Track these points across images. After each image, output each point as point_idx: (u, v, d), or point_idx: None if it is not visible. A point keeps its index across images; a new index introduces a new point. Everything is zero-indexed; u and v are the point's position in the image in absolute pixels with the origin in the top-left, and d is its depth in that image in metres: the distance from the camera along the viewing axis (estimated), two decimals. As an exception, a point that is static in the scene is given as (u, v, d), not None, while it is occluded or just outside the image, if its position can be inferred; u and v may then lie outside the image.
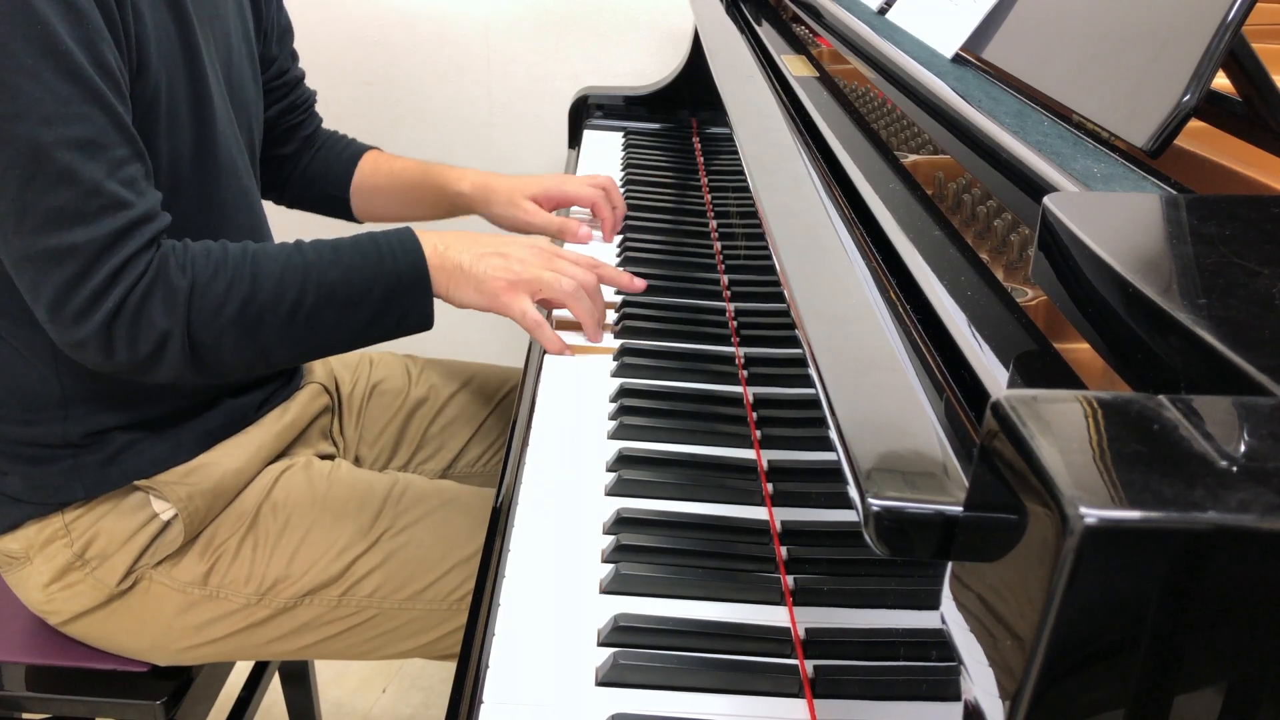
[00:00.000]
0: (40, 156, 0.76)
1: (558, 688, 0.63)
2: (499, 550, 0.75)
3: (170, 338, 0.83)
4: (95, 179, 0.78)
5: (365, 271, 0.90)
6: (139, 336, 0.82)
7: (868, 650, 0.60)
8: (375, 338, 0.93)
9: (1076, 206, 0.43)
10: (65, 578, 0.96)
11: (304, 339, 0.89)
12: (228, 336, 0.85)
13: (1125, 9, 0.63)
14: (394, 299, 0.91)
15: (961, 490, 0.37)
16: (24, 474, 0.94)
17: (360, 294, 0.89)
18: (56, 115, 0.76)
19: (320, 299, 0.88)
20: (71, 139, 0.77)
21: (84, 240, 0.79)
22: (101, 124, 0.79)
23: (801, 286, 0.58)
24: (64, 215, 0.78)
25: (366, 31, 1.96)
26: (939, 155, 0.71)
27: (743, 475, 0.84)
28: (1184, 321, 0.34)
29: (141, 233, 0.82)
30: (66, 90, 0.76)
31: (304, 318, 0.87)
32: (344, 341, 0.92)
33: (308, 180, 1.26)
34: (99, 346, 0.82)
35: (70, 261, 0.79)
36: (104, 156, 0.79)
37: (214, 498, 0.97)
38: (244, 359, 0.88)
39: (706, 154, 1.57)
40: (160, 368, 0.85)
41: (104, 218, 0.79)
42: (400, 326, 0.92)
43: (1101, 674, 0.28)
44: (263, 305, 0.86)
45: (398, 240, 0.92)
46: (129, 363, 0.84)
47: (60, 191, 0.77)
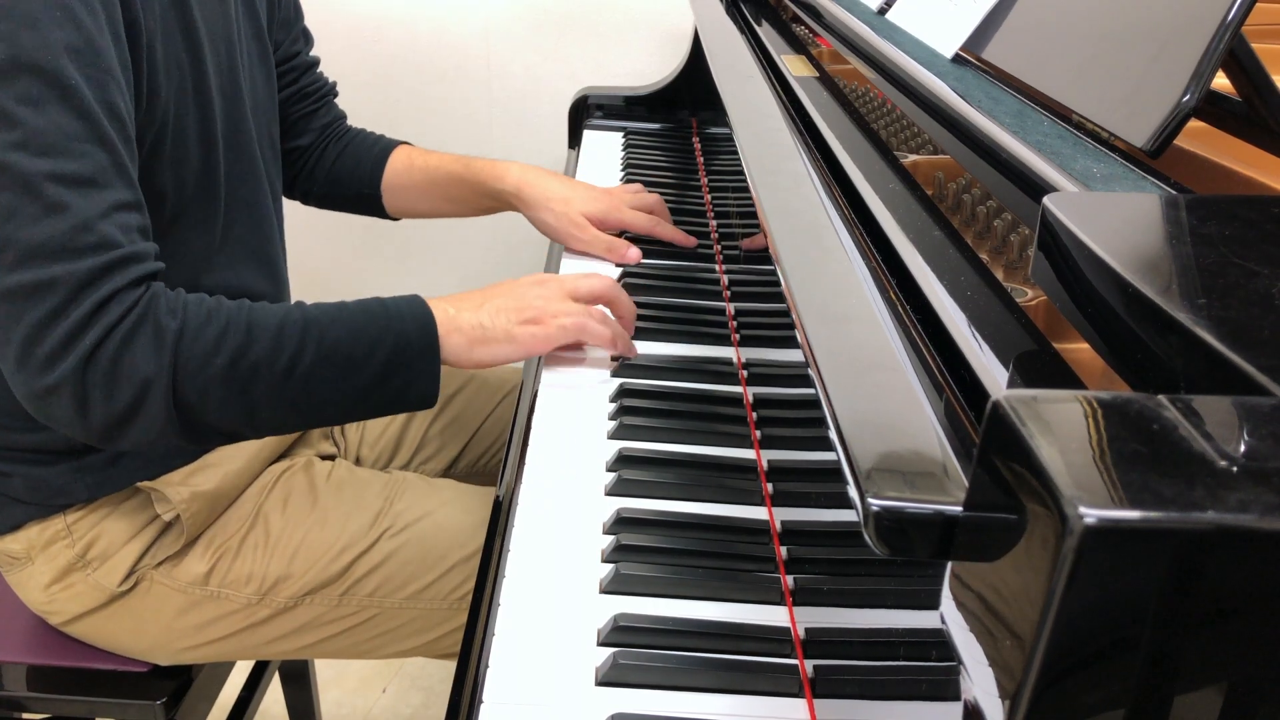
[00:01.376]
0: (30, 188, 0.72)
1: (558, 687, 0.63)
2: (499, 550, 0.75)
3: (152, 387, 0.75)
4: (87, 215, 0.73)
5: (371, 332, 0.83)
6: (117, 384, 0.74)
7: (868, 650, 0.60)
8: (373, 409, 0.86)
9: (1076, 206, 0.43)
10: (66, 578, 0.96)
11: (297, 401, 0.81)
12: (214, 391, 0.77)
13: (1125, 9, 0.63)
14: (399, 364, 0.83)
15: (961, 490, 0.37)
16: (26, 475, 0.94)
17: (363, 357, 0.82)
18: (57, 148, 0.72)
19: (319, 357, 0.80)
20: (68, 174, 0.73)
21: (63, 274, 0.72)
22: (103, 163, 0.75)
23: (801, 286, 0.58)
24: (47, 250, 0.72)
25: (366, 31, 1.96)
26: (939, 155, 0.71)
27: (743, 475, 0.84)
28: (1184, 321, 0.34)
29: (127, 271, 0.75)
30: (71, 125, 0.73)
31: (300, 376, 0.80)
32: (339, 408, 0.84)
33: (336, 177, 1.23)
34: (72, 396, 0.74)
35: (47, 297, 0.72)
36: (100, 196, 0.74)
37: (215, 498, 0.97)
38: (229, 419, 0.80)
39: (706, 154, 1.57)
40: (136, 423, 0.76)
41: (89, 255, 0.73)
42: (402, 398, 0.85)
43: (1101, 674, 0.28)
44: (257, 358, 0.78)
45: (406, 303, 0.86)
46: (104, 419, 0.75)
47: (45, 225, 0.72)
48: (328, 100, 1.24)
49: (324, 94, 1.23)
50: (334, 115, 1.25)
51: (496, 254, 2.14)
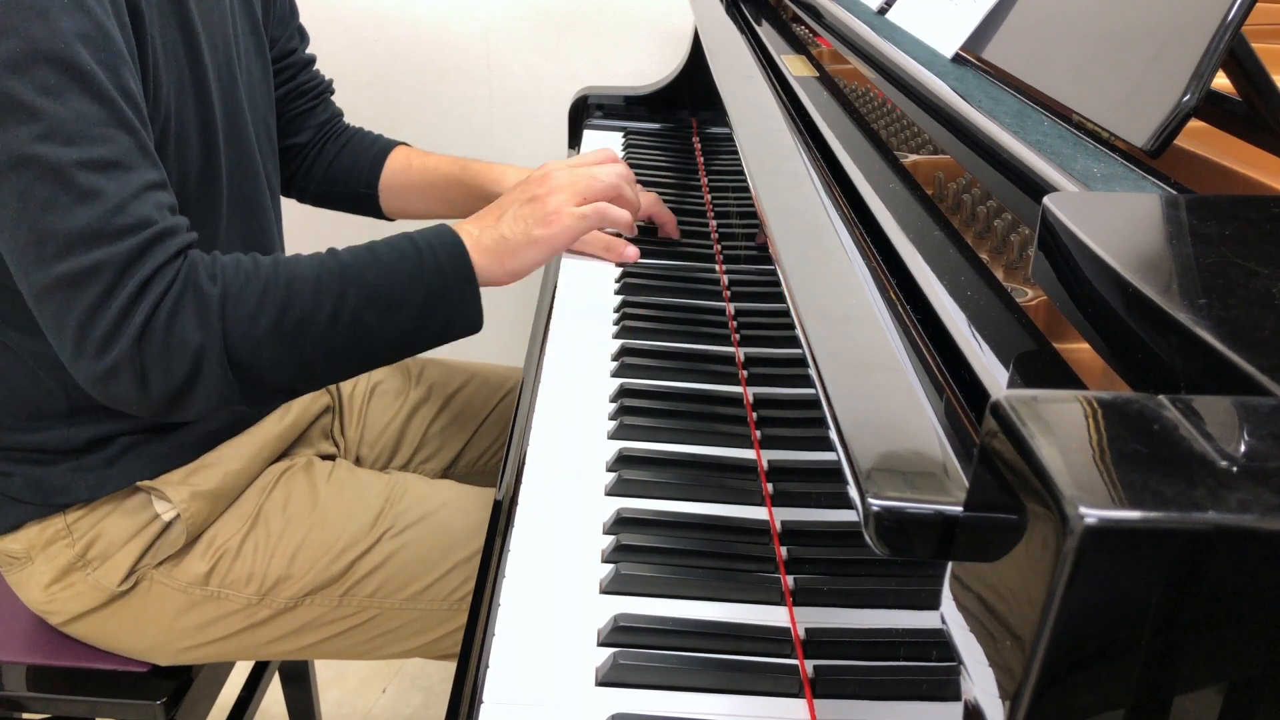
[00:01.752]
0: (62, 178, 0.73)
1: (558, 688, 0.63)
2: (499, 550, 0.75)
3: (206, 353, 0.77)
4: (121, 197, 0.75)
5: (405, 269, 0.84)
6: (171, 355, 0.76)
7: (868, 650, 0.60)
8: (424, 343, 0.87)
9: (1076, 206, 0.43)
10: (66, 578, 0.96)
11: (347, 347, 0.82)
12: (265, 349, 0.79)
13: (1125, 9, 0.63)
14: (440, 296, 0.85)
15: (961, 490, 0.37)
16: (26, 475, 0.94)
17: (402, 294, 0.83)
18: (80, 136, 0.73)
19: (360, 303, 0.81)
20: (96, 160, 0.74)
21: (106, 258, 0.74)
22: (127, 146, 0.76)
23: (801, 286, 0.58)
24: (86, 235, 0.74)
25: (366, 31, 1.96)
26: (939, 155, 0.71)
27: (743, 475, 0.84)
28: (1184, 321, 0.34)
29: (166, 245, 0.77)
30: (92, 111, 0.74)
31: (345, 324, 0.81)
32: (392, 348, 0.85)
33: (333, 177, 1.22)
34: (132, 373, 0.76)
35: (95, 282, 0.74)
36: (129, 178, 0.76)
37: (215, 498, 0.97)
38: (285, 375, 0.81)
39: (706, 154, 1.57)
40: (197, 392, 0.78)
41: (127, 236, 0.75)
42: (449, 328, 0.86)
43: (1101, 674, 0.28)
44: (301, 313, 0.80)
45: (434, 234, 0.87)
46: (166, 391, 0.77)
47: (82, 212, 0.74)
48: (325, 98, 1.23)
49: (320, 91, 1.23)
50: (331, 113, 1.24)
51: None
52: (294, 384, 0.84)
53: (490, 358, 1.38)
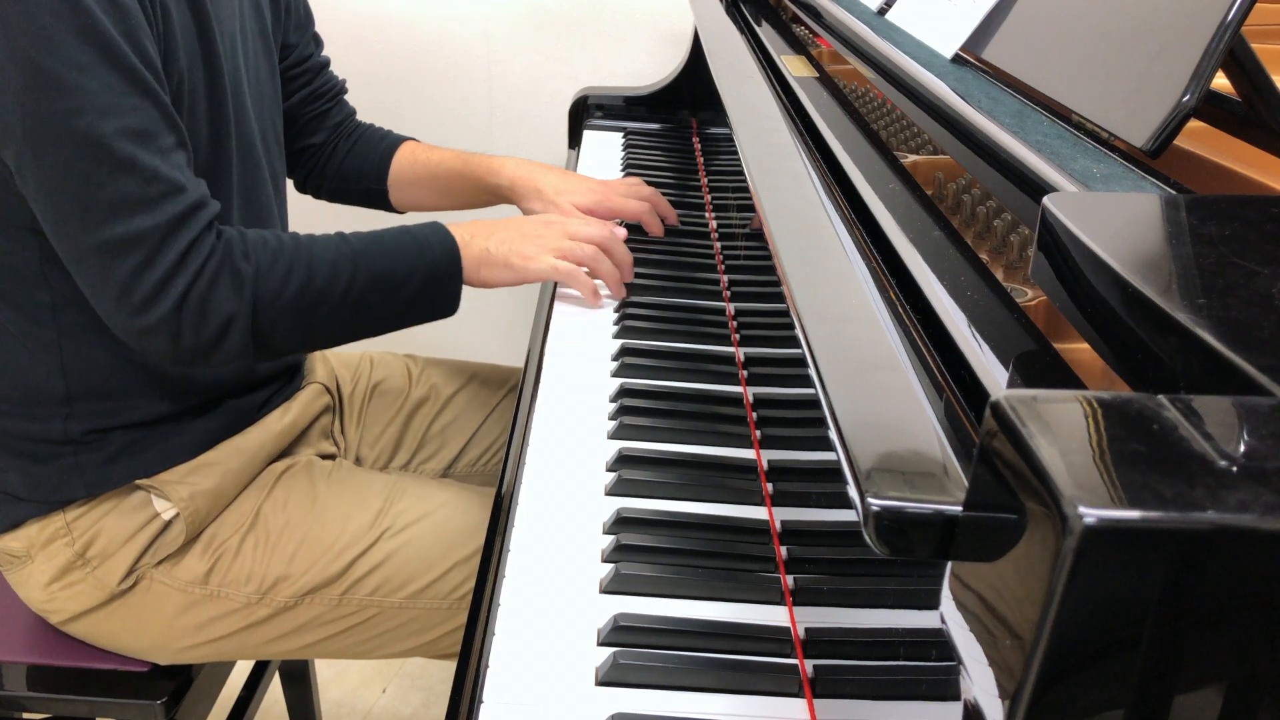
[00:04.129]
0: (100, 148, 0.78)
1: (558, 688, 0.63)
2: (499, 550, 0.75)
3: (234, 321, 0.85)
4: (153, 166, 0.80)
5: (407, 260, 0.94)
6: (206, 321, 0.84)
7: (868, 650, 0.60)
8: (408, 322, 0.97)
9: (1076, 206, 0.43)
10: (66, 577, 0.96)
11: (349, 323, 0.93)
12: (285, 320, 0.88)
13: (1125, 9, 0.63)
14: (430, 286, 0.96)
15: (961, 490, 0.37)
16: (24, 471, 0.94)
17: (402, 281, 0.94)
18: (111, 107, 0.78)
19: (368, 285, 0.92)
20: (128, 129, 0.79)
21: (149, 226, 0.80)
22: (151, 114, 0.81)
23: (801, 286, 0.58)
24: (127, 204, 0.80)
25: (366, 31, 1.96)
26: (939, 155, 0.71)
27: (743, 475, 0.84)
28: (1184, 321, 0.34)
29: (199, 217, 0.84)
30: (118, 82, 0.78)
31: (352, 303, 0.91)
32: (382, 325, 0.96)
33: (345, 174, 1.26)
34: (167, 332, 0.84)
35: (138, 249, 0.81)
36: (156, 145, 0.81)
37: (215, 497, 0.97)
38: (296, 341, 0.92)
39: (706, 154, 1.57)
40: (221, 351, 0.86)
41: (164, 203, 0.81)
42: (431, 312, 0.97)
43: (1101, 674, 0.28)
44: (318, 291, 0.89)
45: (432, 232, 0.97)
46: (193, 347, 0.85)
47: (122, 181, 0.79)
48: (339, 99, 1.26)
49: (336, 93, 1.25)
50: (345, 113, 1.27)
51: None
52: (300, 349, 0.96)
53: (490, 358, 1.38)
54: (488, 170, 1.23)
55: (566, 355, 1.00)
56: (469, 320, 2.19)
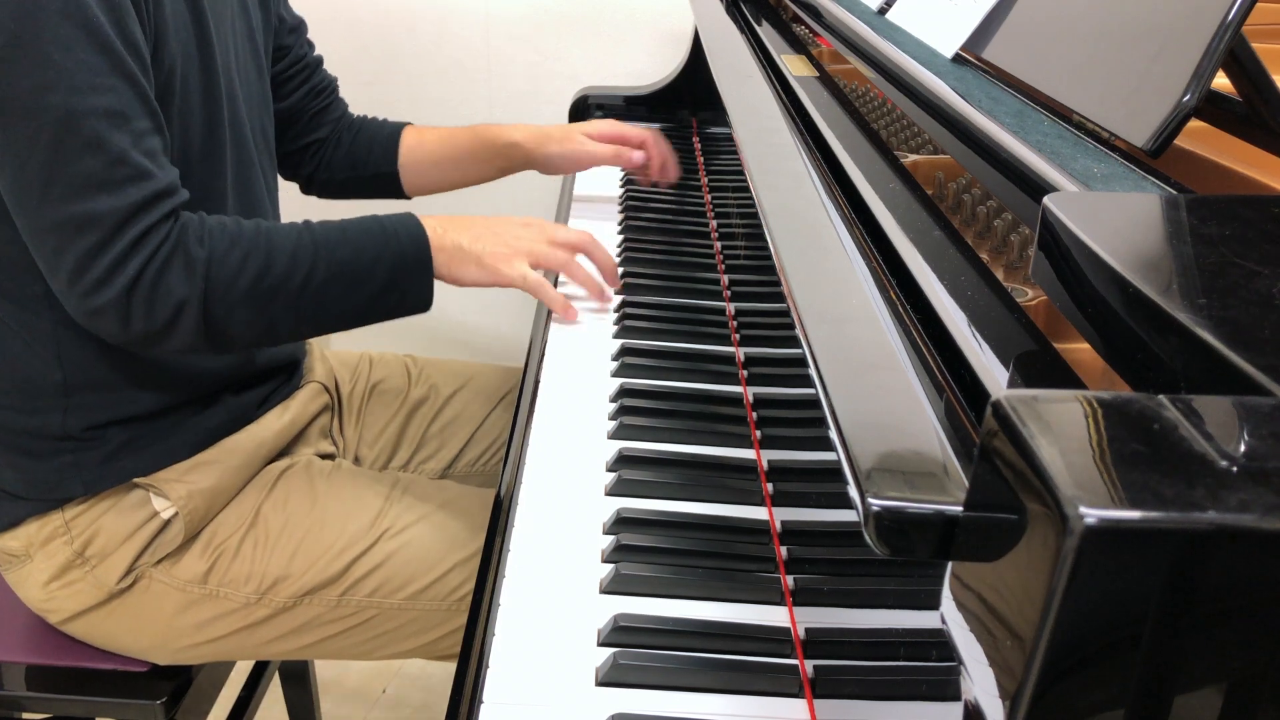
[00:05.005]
0: (70, 125, 0.78)
1: (558, 688, 0.63)
2: (499, 550, 0.75)
3: (186, 306, 0.84)
4: (122, 148, 0.80)
5: (372, 250, 0.92)
6: (156, 305, 0.84)
7: (868, 650, 0.60)
8: (377, 316, 0.95)
9: (1076, 206, 0.43)
10: (65, 576, 0.96)
11: (310, 314, 0.91)
12: (240, 309, 0.87)
13: (1125, 9, 0.63)
14: (397, 278, 0.93)
15: (961, 490, 0.37)
16: (22, 468, 0.94)
17: (366, 272, 0.92)
18: (87, 85, 0.78)
19: (329, 276, 0.90)
20: (101, 109, 0.79)
21: (108, 209, 0.80)
22: (127, 96, 0.81)
23: (801, 286, 0.58)
24: (90, 183, 0.79)
25: (366, 31, 1.96)
26: (939, 155, 0.71)
27: (743, 475, 0.84)
28: (1184, 321, 0.34)
29: (161, 205, 0.83)
30: (97, 62, 0.78)
31: (312, 293, 0.89)
32: (347, 318, 0.94)
33: (353, 162, 1.26)
34: (117, 315, 0.83)
35: (93, 230, 0.80)
36: (129, 128, 0.81)
37: (214, 496, 0.97)
38: (253, 332, 0.90)
39: (706, 154, 1.57)
40: (173, 337, 0.86)
41: (128, 187, 0.81)
42: (401, 306, 0.95)
43: (1101, 674, 0.28)
44: (275, 280, 0.88)
45: (401, 222, 0.95)
46: (144, 331, 0.85)
47: (87, 160, 0.79)
48: (335, 95, 1.27)
49: (331, 90, 1.26)
50: (343, 108, 1.28)
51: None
52: (258, 340, 0.93)
53: (490, 358, 1.38)
54: (499, 134, 1.26)
55: (566, 355, 1.00)
56: (469, 320, 2.18)
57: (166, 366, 0.95)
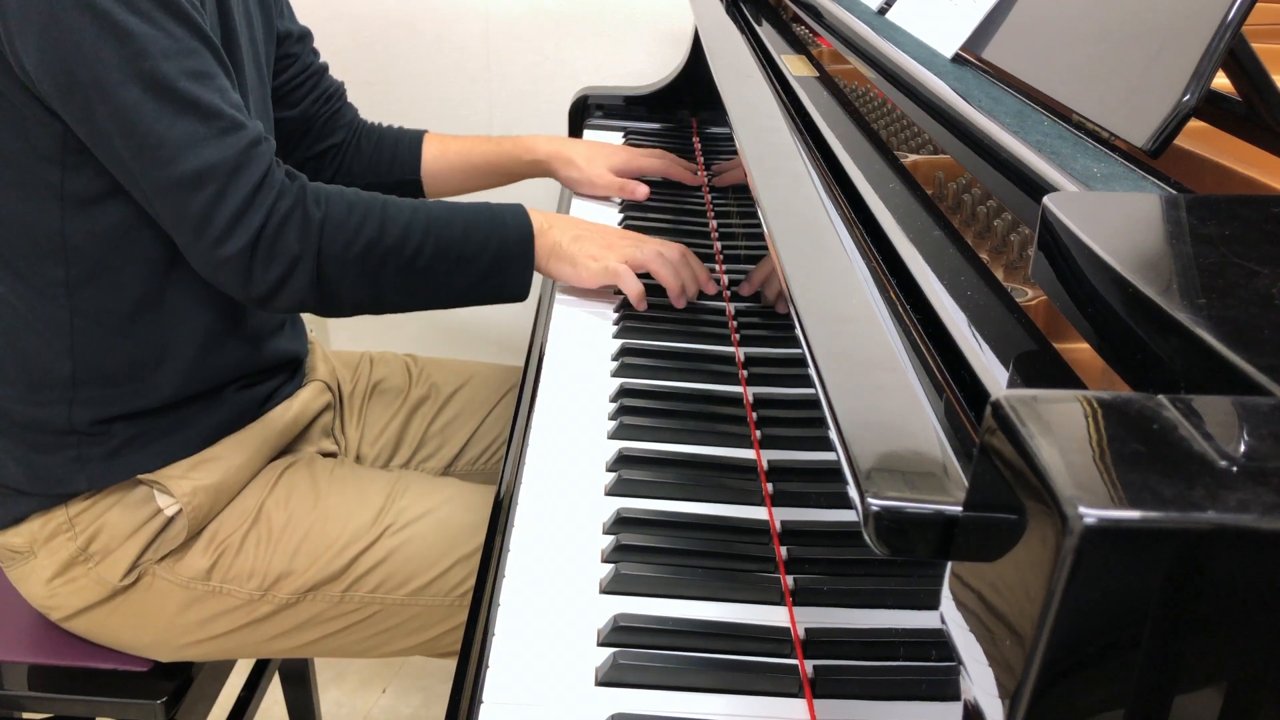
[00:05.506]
0: (165, 90, 0.82)
1: (558, 688, 0.63)
2: (499, 549, 0.75)
3: (300, 262, 0.89)
4: (214, 104, 0.85)
5: (480, 234, 0.97)
6: (274, 260, 0.88)
7: (868, 650, 0.60)
8: (475, 299, 0.99)
9: (1076, 206, 0.43)
10: (68, 572, 0.96)
11: (416, 288, 0.95)
12: (350, 272, 0.91)
13: (1125, 9, 0.63)
14: (500, 264, 0.98)
15: (961, 490, 0.37)
16: (27, 461, 0.94)
17: (473, 254, 0.96)
18: (173, 51, 0.82)
19: (438, 252, 0.94)
20: (188, 70, 0.83)
21: (217, 159, 0.85)
22: (207, 57, 0.86)
23: (801, 286, 0.58)
24: (194, 139, 0.84)
25: (366, 31, 1.96)
26: (939, 155, 0.71)
27: (743, 475, 0.84)
28: (1184, 321, 0.34)
29: (262, 151, 0.88)
30: (178, 28, 0.83)
31: (421, 267, 0.94)
32: (449, 296, 0.98)
33: (378, 169, 1.29)
34: (240, 267, 0.87)
35: (210, 182, 0.85)
36: (214, 84, 0.86)
37: (217, 493, 0.97)
38: (360, 298, 0.94)
39: (706, 154, 1.57)
40: (286, 290, 0.90)
41: (227, 138, 0.85)
42: (499, 292, 1.00)
43: (1101, 674, 0.28)
44: (387, 249, 0.92)
45: (510, 212, 1.00)
46: (262, 284, 0.89)
47: (187, 119, 0.83)
48: (344, 99, 1.28)
49: (340, 94, 1.27)
50: (353, 111, 1.29)
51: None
52: (365, 306, 0.96)
53: (490, 358, 1.38)
54: (525, 149, 1.31)
55: (566, 355, 1.00)
56: (469, 320, 2.18)
57: (174, 361, 0.95)
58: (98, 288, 0.91)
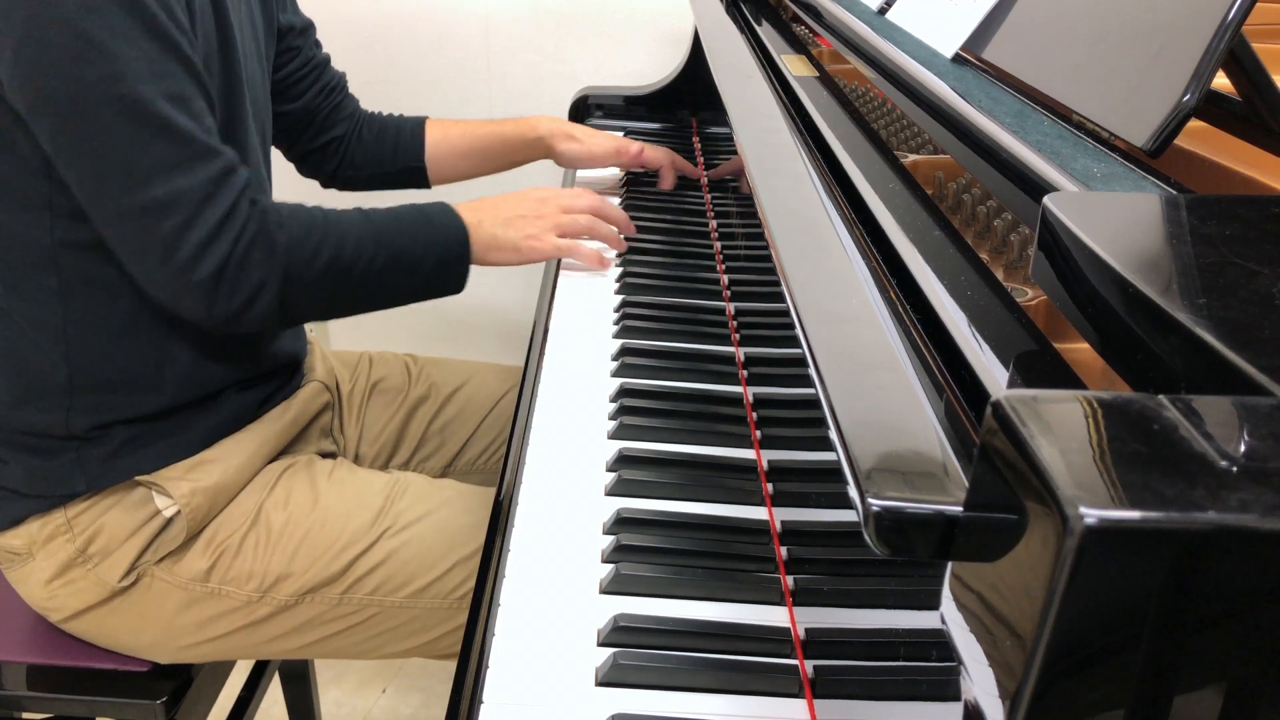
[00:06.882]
0: (140, 112, 0.81)
1: (558, 688, 0.63)
2: (499, 549, 0.75)
3: (265, 288, 0.89)
4: (188, 129, 0.84)
5: (423, 240, 0.99)
6: (240, 286, 0.88)
7: (868, 650, 0.60)
8: (419, 298, 1.02)
9: (1076, 206, 0.43)
10: (67, 574, 0.96)
11: (370, 297, 0.98)
12: (313, 291, 0.93)
13: (1125, 9, 0.63)
14: (443, 266, 1.00)
15: (961, 490, 0.37)
16: (25, 464, 0.94)
17: (418, 260, 0.98)
18: (150, 72, 0.81)
19: (389, 262, 0.96)
20: (164, 93, 0.82)
21: (187, 187, 0.84)
22: (184, 79, 0.84)
23: (801, 286, 0.58)
24: (165, 165, 0.83)
25: (366, 31, 1.96)
26: (939, 155, 0.71)
27: (743, 475, 0.84)
28: (1184, 321, 0.34)
29: (233, 181, 0.87)
30: (154, 48, 0.81)
31: (374, 278, 0.96)
32: (396, 300, 1.01)
33: (382, 158, 1.30)
34: (204, 295, 0.87)
35: (178, 209, 0.84)
36: (189, 109, 0.84)
37: (216, 494, 0.97)
38: (318, 309, 0.96)
39: (706, 154, 1.57)
40: (249, 315, 0.90)
41: (200, 164, 0.84)
42: (442, 289, 1.02)
43: (1101, 674, 0.28)
44: (344, 265, 0.93)
45: (443, 213, 1.02)
46: (225, 311, 0.88)
47: (159, 143, 0.82)
48: (346, 90, 1.29)
49: (342, 86, 1.28)
50: (355, 103, 1.30)
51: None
52: (321, 316, 0.99)
53: (490, 358, 1.38)
54: (525, 128, 1.33)
55: (566, 355, 1.00)
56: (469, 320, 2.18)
57: (171, 367, 0.95)
58: (91, 296, 0.90)
